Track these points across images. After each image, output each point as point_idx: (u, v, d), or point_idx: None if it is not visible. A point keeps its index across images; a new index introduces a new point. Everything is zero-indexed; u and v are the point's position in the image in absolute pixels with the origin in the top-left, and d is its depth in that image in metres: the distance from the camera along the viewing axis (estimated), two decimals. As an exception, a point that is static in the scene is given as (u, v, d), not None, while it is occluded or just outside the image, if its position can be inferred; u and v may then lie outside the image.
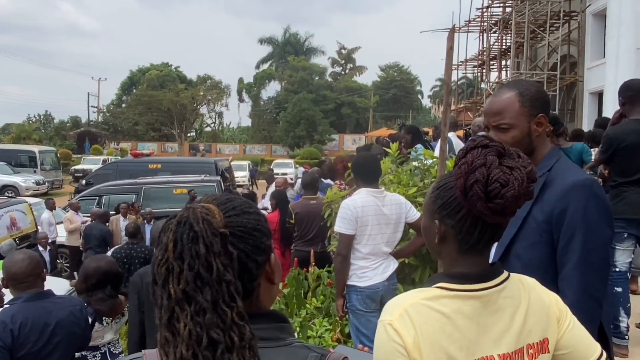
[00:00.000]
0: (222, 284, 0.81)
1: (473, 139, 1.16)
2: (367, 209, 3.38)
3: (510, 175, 1.08)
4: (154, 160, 17.30)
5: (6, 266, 2.68)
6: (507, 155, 1.12)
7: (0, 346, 2.44)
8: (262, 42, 54.67)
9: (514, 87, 1.72)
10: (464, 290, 1.13)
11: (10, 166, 22.84)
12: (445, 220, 1.17)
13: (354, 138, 45.44)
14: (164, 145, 45.88)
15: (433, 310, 1.11)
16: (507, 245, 1.66)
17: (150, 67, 53.48)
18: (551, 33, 16.11)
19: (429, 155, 4.29)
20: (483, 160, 1.09)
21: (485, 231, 1.15)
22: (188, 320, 0.79)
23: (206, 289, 0.80)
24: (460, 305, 1.12)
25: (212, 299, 0.80)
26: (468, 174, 1.09)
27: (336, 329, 4.10)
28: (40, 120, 58.83)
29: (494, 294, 1.15)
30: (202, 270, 0.80)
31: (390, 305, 1.15)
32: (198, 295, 0.80)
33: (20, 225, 8.95)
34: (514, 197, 1.07)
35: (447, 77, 3.29)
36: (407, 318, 1.10)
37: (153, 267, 0.85)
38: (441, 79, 54.38)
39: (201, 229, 0.83)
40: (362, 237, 3.39)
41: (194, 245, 0.82)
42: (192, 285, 0.80)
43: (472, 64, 21.11)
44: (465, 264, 1.17)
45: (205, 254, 0.81)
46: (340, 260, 3.42)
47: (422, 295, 1.14)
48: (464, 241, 1.16)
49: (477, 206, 1.09)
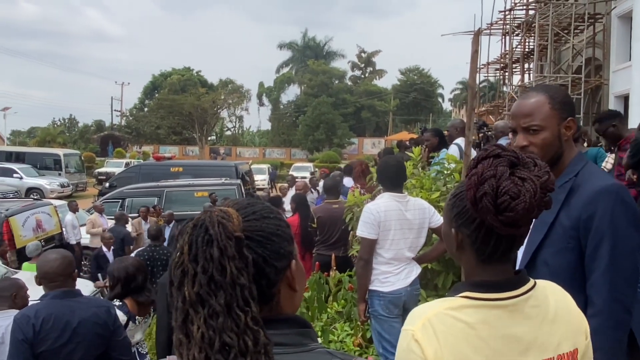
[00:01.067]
0: (236, 288, 0.81)
1: (485, 149, 1.13)
2: (390, 214, 3.36)
3: (521, 187, 1.04)
4: (175, 163, 17.57)
5: (39, 264, 2.73)
6: (522, 164, 1.08)
7: (22, 339, 2.49)
8: (282, 47, 55.02)
9: (544, 90, 1.70)
10: (489, 299, 1.10)
11: (35, 169, 23.31)
12: (461, 229, 1.16)
13: (373, 142, 45.35)
14: (185, 148, 46.39)
15: (457, 321, 1.08)
16: (534, 251, 1.64)
17: (172, 71, 54.23)
18: (575, 36, 15.86)
19: (452, 159, 4.25)
20: (493, 172, 1.06)
21: (501, 242, 1.12)
22: (201, 323, 0.79)
23: (220, 292, 0.80)
24: (486, 315, 1.09)
25: (225, 303, 0.79)
26: (477, 186, 1.06)
27: (357, 333, 4.08)
28: (64, 124, 60.08)
29: (520, 302, 1.12)
30: (216, 274, 0.81)
31: (414, 315, 1.13)
32: (211, 298, 0.80)
33: (45, 227, 9.10)
34: (525, 210, 1.04)
35: (471, 80, 3.27)
36: (430, 328, 1.07)
37: (170, 269, 0.86)
38: (462, 82, 53.97)
39: (216, 232, 0.83)
40: (384, 241, 3.37)
41: (208, 248, 0.82)
42: (205, 289, 0.80)
43: (494, 67, 20.89)
44: (487, 272, 1.14)
45: (219, 257, 0.81)
46: (362, 264, 3.39)
47: (446, 304, 1.12)
48: (480, 251, 1.14)
49: (488, 218, 1.07)
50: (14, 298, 3.07)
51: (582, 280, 1.58)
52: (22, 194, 19.30)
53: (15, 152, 26.63)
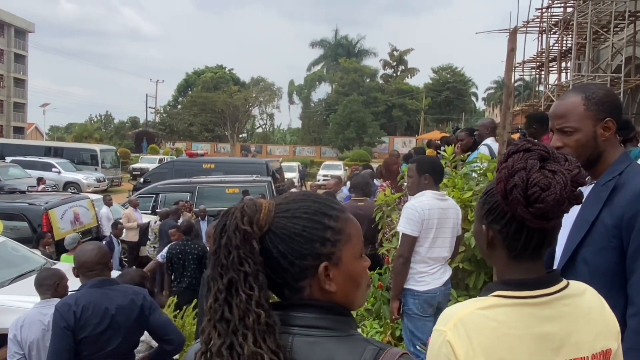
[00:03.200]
0: (240, 273, 0.93)
1: (515, 143, 1.14)
2: (432, 212, 3.33)
3: (552, 179, 1.05)
4: (208, 160, 17.80)
5: (77, 255, 2.84)
6: (552, 158, 1.09)
7: (64, 327, 2.58)
8: (314, 45, 55.10)
9: (581, 91, 1.69)
10: (521, 297, 1.10)
11: (73, 164, 24.01)
12: (492, 225, 1.16)
13: (404, 141, 45.01)
14: (217, 145, 47.00)
15: (489, 320, 1.08)
16: (574, 249, 1.62)
17: (205, 69, 55.00)
18: (615, 34, 15.40)
19: (485, 158, 4.21)
20: (523, 164, 1.07)
21: (532, 236, 1.12)
22: (211, 297, 0.95)
23: (225, 274, 0.94)
24: (518, 314, 1.09)
25: (228, 283, 0.94)
26: (508, 178, 1.08)
27: (387, 331, 4.08)
28: (101, 120, 61.73)
29: (553, 301, 1.11)
30: (222, 258, 0.95)
31: (446, 315, 1.13)
32: (219, 278, 0.95)
33: (83, 220, 9.38)
34: (555, 202, 1.04)
35: (507, 79, 3.23)
36: (462, 328, 1.07)
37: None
38: (497, 81, 53.08)
39: (229, 224, 0.96)
40: (425, 240, 3.34)
41: (221, 236, 0.97)
42: (217, 270, 0.96)
43: (529, 66, 20.46)
44: (518, 270, 1.14)
45: (226, 245, 0.95)
46: (402, 262, 3.35)
47: (477, 304, 1.12)
48: (511, 246, 1.14)
49: (518, 211, 1.07)
50: (56, 287, 3.19)
51: (623, 280, 1.56)
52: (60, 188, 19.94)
53: (54, 147, 27.53)
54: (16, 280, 5.66)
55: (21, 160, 21.78)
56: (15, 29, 50.24)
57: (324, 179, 25.74)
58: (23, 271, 5.88)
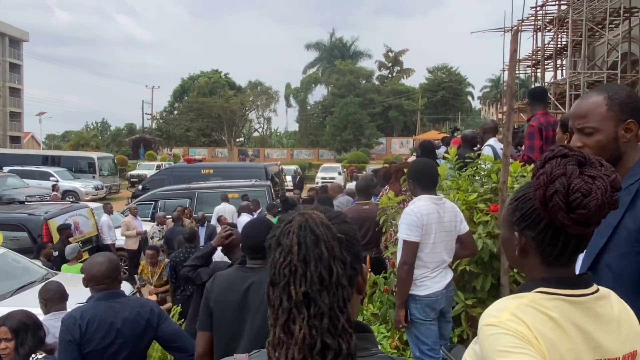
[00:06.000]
0: (339, 289, 0.82)
1: (551, 149, 1.13)
2: (431, 217, 3.32)
3: (592, 185, 1.05)
4: (206, 165, 17.84)
5: (87, 267, 2.80)
6: (589, 164, 1.09)
7: (69, 340, 2.56)
8: (309, 47, 55.11)
9: (603, 91, 1.65)
10: (564, 294, 1.10)
11: (70, 172, 23.93)
12: (525, 232, 1.15)
13: (401, 141, 45.04)
14: (214, 150, 46.93)
15: (540, 313, 1.07)
16: (597, 255, 1.60)
17: (201, 74, 54.87)
18: (610, 30, 15.43)
19: (488, 159, 4.19)
20: (562, 170, 1.06)
21: (569, 242, 1.11)
22: (304, 324, 0.80)
23: (324, 292, 0.81)
24: (566, 310, 1.09)
25: (329, 304, 0.81)
26: (547, 185, 1.07)
27: (394, 336, 4.06)
28: (97, 128, 61.58)
29: (591, 301, 1.12)
30: (325, 273, 0.82)
31: (493, 311, 1.10)
32: (319, 298, 0.81)
33: (83, 229, 9.33)
34: (597, 207, 1.04)
35: (510, 80, 3.22)
36: (519, 319, 1.05)
37: (273, 269, 0.86)
38: (492, 79, 53.15)
39: (322, 233, 0.85)
40: (425, 245, 3.33)
41: (317, 248, 0.83)
42: (316, 287, 0.81)
43: (524, 64, 20.49)
44: (554, 274, 1.14)
45: (327, 257, 0.83)
46: (406, 269, 3.32)
47: (524, 299, 1.10)
48: (546, 253, 1.13)
49: (559, 217, 1.06)
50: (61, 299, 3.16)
51: None
52: (59, 197, 19.86)
53: (51, 156, 27.44)
54: (18, 291, 5.62)
55: (19, 170, 21.70)
56: (10, 39, 50.17)
57: (322, 181, 25.73)
58: (25, 282, 5.84)
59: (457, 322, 3.74)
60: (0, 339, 2.89)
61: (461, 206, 3.74)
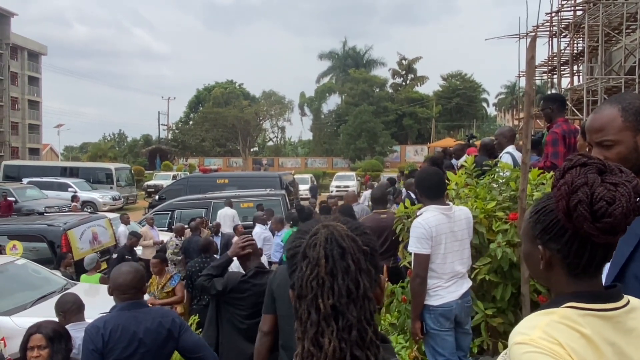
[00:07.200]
0: (366, 301, 0.83)
1: (569, 159, 1.11)
2: (440, 228, 3.29)
3: (615, 192, 1.03)
4: (222, 175, 17.93)
5: (113, 276, 2.83)
6: (609, 171, 1.07)
7: (92, 349, 2.59)
8: (322, 57, 55.30)
9: (616, 102, 1.64)
10: (595, 309, 1.07)
11: (88, 183, 24.25)
12: (549, 244, 1.12)
13: (415, 149, 44.88)
14: (229, 160, 47.22)
15: (573, 330, 1.05)
16: (623, 264, 1.57)
17: (216, 85, 55.39)
18: (627, 35, 15.27)
19: (507, 167, 4.15)
20: (584, 179, 1.05)
21: (596, 252, 1.09)
22: (333, 337, 0.80)
23: (352, 305, 0.81)
24: (598, 326, 1.06)
25: (357, 316, 0.81)
26: (570, 195, 1.05)
27: (413, 346, 4.01)
28: (114, 139, 62.40)
29: (622, 315, 1.09)
30: (352, 286, 0.82)
31: (523, 328, 1.08)
32: (347, 311, 0.81)
33: (101, 239, 9.42)
34: (623, 214, 1.02)
35: (528, 87, 3.18)
36: (551, 337, 1.03)
37: (300, 281, 0.86)
38: (507, 86, 52.87)
39: (348, 246, 0.85)
40: (436, 256, 3.30)
41: (343, 261, 0.83)
42: (344, 300, 0.81)
43: (540, 70, 20.33)
44: (582, 287, 1.11)
45: (354, 270, 0.83)
46: (419, 282, 3.30)
47: (554, 316, 1.07)
48: (573, 265, 1.11)
49: (584, 227, 1.04)
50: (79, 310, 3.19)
51: None
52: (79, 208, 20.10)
53: (69, 167, 27.84)
54: (38, 302, 5.68)
55: (38, 181, 22.04)
56: (29, 52, 51.16)
57: (337, 190, 25.72)
58: (45, 293, 5.91)
59: (477, 332, 3.69)
60: (34, 347, 2.88)
61: (479, 214, 3.70)
